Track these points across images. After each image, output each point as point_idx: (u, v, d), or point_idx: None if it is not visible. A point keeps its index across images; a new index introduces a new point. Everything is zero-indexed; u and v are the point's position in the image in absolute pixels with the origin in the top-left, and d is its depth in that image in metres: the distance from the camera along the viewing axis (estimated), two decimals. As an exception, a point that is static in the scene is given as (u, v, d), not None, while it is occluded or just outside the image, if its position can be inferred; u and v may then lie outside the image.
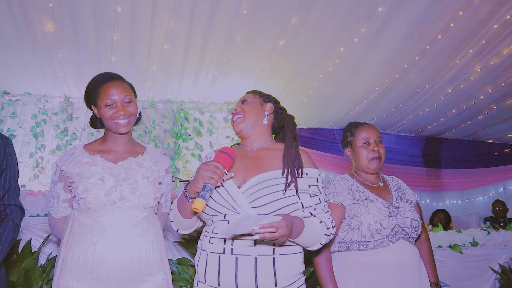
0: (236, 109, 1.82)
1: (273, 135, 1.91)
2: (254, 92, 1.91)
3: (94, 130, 5.34)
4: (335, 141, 6.52)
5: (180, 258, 2.88)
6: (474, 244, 3.86)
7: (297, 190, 1.59)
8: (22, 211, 1.91)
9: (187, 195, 1.60)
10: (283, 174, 1.62)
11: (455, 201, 8.12)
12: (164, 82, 5.26)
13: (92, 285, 1.69)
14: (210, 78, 5.21)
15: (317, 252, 1.91)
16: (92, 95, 1.84)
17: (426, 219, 6.26)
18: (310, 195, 1.63)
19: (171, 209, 1.76)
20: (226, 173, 1.54)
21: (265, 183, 1.59)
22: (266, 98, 1.89)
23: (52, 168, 5.21)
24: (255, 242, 1.53)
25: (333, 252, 2.02)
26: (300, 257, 1.64)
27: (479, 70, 5.07)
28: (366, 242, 1.94)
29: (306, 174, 1.68)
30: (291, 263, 1.59)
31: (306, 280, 2.74)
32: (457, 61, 4.89)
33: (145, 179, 1.80)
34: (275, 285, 1.53)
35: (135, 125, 1.97)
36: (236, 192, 1.58)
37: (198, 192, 1.52)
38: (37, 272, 2.66)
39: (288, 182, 1.59)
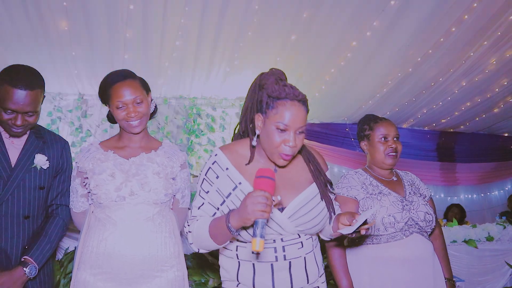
0: (295, 146, 1.49)
1: None
2: (307, 112, 1.54)
3: (108, 127, 5.44)
4: (348, 135, 6.48)
5: (194, 252, 2.90)
6: (490, 239, 3.82)
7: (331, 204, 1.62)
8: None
9: (232, 230, 1.38)
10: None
11: (470, 196, 8.01)
12: (177, 78, 5.29)
13: (103, 278, 1.74)
14: (222, 74, 5.23)
15: (331, 246, 1.92)
16: (104, 95, 1.86)
17: (440, 213, 6.21)
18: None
19: (190, 231, 1.54)
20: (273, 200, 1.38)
21: (306, 206, 1.53)
22: None
23: (67, 164, 5.30)
24: (303, 243, 1.55)
25: (346, 245, 2.03)
26: None
27: (494, 62, 4.98)
28: (379, 235, 1.94)
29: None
30: (319, 252, 1.67)
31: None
32: (472, 54, 4.81)
33: (155, 174, 1.81)
34: (319, 276, 1.61)
35: (150, 118, 1.99)
36: (282, 218, 1.49)
37: (247, 228, 1.41)
38: (55, 266, 2.72)
39: (325, 199, 1.59)
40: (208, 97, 5.92)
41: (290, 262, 1.52)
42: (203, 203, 1.56)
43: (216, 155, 1.58)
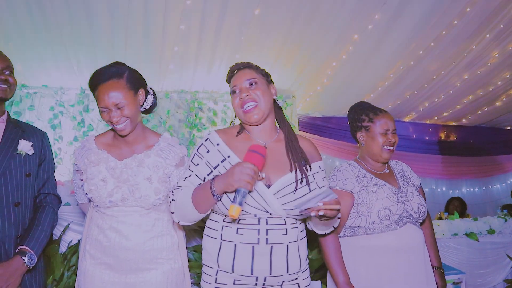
0: (248, 95, 1.62)
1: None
2: (256, 69, 1.70)
3: (110, 121, 5.45)
4: (349, 129, 6.48)
5: (196, 245, 2.92)
6: (491, 231, 3.83)
7: (318, 186, 1.66)
8: (59, 200, 2.04)
9: (215, 194, 1.47)
10: (299, 179, 1.60)
11: (472, 189, 8.01)
12: (178, 72, 5.29)
13: (101, 269, 1.78)
14: (223, 68, 5.22)
15: (326, 240, 1.89)
16: (93, 95, 1.82)
17: (441, 207, 6.22)
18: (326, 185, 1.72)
19: (173, 200, 1.61)
20: (259, 175, 1.44)
21: (292, 185, 1.57)
22: (269, 77, 1.75)
23: (70, 159, 5.32)
24: (287, 231, 1.57)
25: (339, 237, 2.02)
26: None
27: (497, 55, 4.97)
28: (373, 227, 1.95)
29: (319, 167, 1.72)
30: (305, 246, 1.68)
31: (317, 270, 2.77)
32: (474, 47, 4.80)
33: (147, 180, 1.78)
34: (299, 268, 1.61)
35: (150, 112, 1.95)
36: (268, 194, 1.53)
37: (229, 193, 1.46)
38: (59, 259, 2.74)
39: (305, 181, 1.61)
40: (209, 91, 5.92)
41: (271, 247, 1.54)
42: (190, 175, 1.65)
43: (209, 134, 1.73)
